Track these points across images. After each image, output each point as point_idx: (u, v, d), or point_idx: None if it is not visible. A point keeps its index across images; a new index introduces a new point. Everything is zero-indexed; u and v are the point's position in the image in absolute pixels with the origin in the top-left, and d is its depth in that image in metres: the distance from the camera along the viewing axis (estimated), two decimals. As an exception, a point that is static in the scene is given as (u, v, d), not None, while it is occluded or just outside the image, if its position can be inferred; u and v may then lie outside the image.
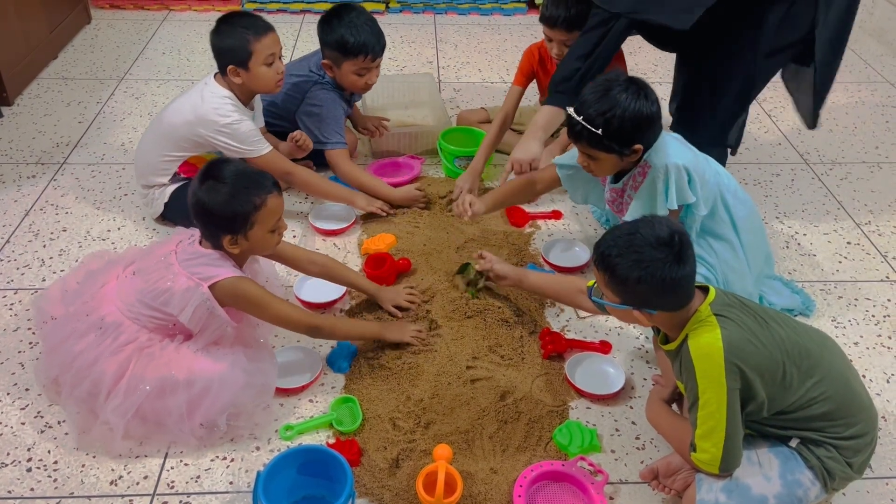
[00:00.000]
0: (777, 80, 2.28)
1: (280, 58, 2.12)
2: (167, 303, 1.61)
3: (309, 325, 1.74)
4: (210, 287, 1.60)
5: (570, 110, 1.75)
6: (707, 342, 1.36)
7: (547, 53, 2.42)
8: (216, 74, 2.14)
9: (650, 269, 1.35)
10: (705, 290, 1.44)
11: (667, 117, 2.96)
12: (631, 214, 1.85)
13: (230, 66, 2.06)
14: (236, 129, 2.08)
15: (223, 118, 2.07)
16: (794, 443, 1.46)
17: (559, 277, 1.98)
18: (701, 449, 1.39)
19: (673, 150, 1.79)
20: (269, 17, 3.65)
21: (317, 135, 2.35)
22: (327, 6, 3.69)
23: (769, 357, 1.38)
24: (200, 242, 1.67)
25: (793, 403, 1.41)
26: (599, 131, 1.70)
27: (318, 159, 2.44)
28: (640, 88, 1.71)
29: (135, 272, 1.69)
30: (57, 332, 1.69)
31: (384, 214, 2.33)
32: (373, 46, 2.26)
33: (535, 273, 1.95)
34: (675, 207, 1.78)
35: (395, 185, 2.44)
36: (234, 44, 2.04)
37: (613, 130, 1.70)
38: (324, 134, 2.35)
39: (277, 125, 2.40)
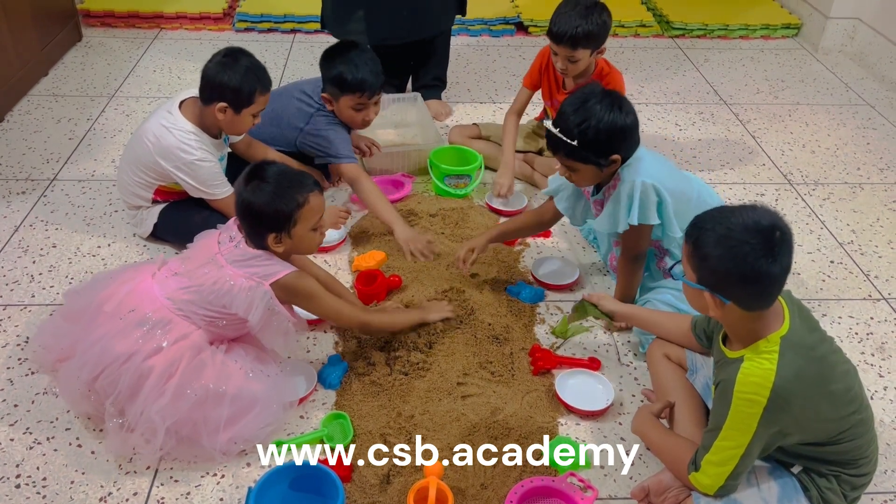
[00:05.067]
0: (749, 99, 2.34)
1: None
2: (230, 304, 1.62)
3: (361, 321, 1.80)
4: (271, 285, 1.62)
5: (548, 123, 1.80)
6: (756, 382, 1.29)
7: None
8: (182, 102, 2.10)
9: (735, 249, 1.26)
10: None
11: (648, 137, 3.01)
12: (598, 223, 1.90)
13: (222, 104, 2.01)
14: (197, 168, 2.07)
15: (186, 155, 2.05)
16: (796, 469, 1.45)
17: (671, 316, 1.79)
18: (704, 472, 1.39)
19: (646, 167, 1.82)
20: (259, 37, 3.74)
21: (326, 152, 2.36)
22: (317, 25, 3.76)
23: (814, 408, 1.33)
24: (245, 243, 1.67)
25: (819, 441, 1.39)
26: (575, 142, 1.74)
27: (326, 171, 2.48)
28: (615, 100, 1.75)
29: (177, 273, 1.69)
30: (90, 334, 1.65)
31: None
32: (371, 84, 2.28)
33: (645, 310, 1.83)
34: (636, 223, 1.81)
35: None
36: (239, 87, 2.00)
37: (589, 141, 1.74)
38: (333, 151, 2.35)
39: (279, 149, 2.42)
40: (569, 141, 1.75)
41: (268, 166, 1.65)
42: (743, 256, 1.26)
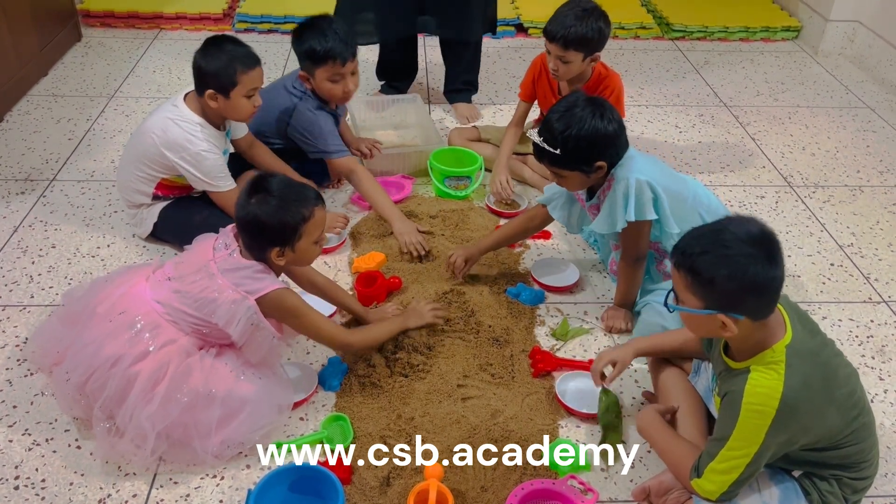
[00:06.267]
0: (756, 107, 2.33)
1: (258, 91, 2.11)
2: (212, 313, 1.61)
3: (343, 342, 1.79)
4: (257, 300, 1.61)
5: (532, 132, 1.81)
6: (764, 393, 1.29)
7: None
8: (186, 95, 2.12)
9: (742, 265, 1.25)
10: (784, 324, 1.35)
11: (644, 142, 3.01)
12: (596, 224, 1.90)
13: (210, 91, 2.03)
14: (202, 159, 2.07)
15: (191, 146, 2.06)
16: (797, 472, 1.45)
17: (677, 332, 1.72)
18: (708, 479, 1.38)
19: (638, 165, 1.83)
20: (259, 37, 3.73)
21: (315, 146, 2.36)
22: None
23: (821, 415, 1.33)
24: (240, 253, 1.66)
25: (823, 445, 1.39)
26: (558, 151, 1.74)
27: (317, 178, 2.45)
28: (597, 108, 1.75)
29: (170, 278, 1.68)
30: (82, 337, 1.65)
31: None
32: (340, 52, 2.26)
33: (652, 338, 1.75)
34: (633, 219, 1.81)
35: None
36: (221, 70, 2.01)
37: (571, 149, 1.75)
38: (322, 146, 2.35)
39: (271, 142, 2.42)
40: (551, 149, 1.76)
41: (270, 178, 1.64)
42: (752, 269, 1.25)
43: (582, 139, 1.74)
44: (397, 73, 3.14)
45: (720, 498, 1.38)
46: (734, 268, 1.26)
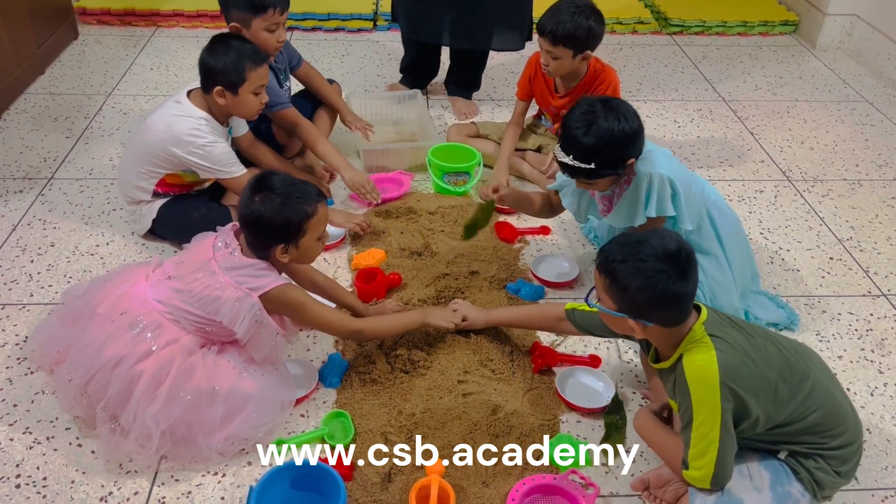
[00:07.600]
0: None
1: (265, 88, 2.11)
2: (216, 311, 1.61)
3: (351, 330, 1.79)
4: (260, 297, 1.62)
5: (559, 151, 1.79)
6: (702, 364, 1.37)
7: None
8: (190, 92, 2.13)
9: (653, 279, 1.34)
10: (698, 308, 1.44)
11: (659, 137, 3.01)
12: (612, 219, 1.91)
13: (218, 88, 2.04)
14: (210, 150, 2.08)
15: (198, 139, 2.06)
16: (783, 455, 1.49)
17: (534, 306, 2.02)
18: (693, 467, 1.41)
19: (659, 161, 1.83)
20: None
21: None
22: (314, 23, 3.75)
23: (762, 377, 1.39)
24: (241, 251, 1.66)
25: (784, 419, 1.43)
26: (592, 165, 1.74)
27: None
28: (616, 110, 1.74)
29: (170, 277, 1.68)
30: (83, 337, 1.66)
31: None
32: (280, 0, 2.28)
33: (504, 308, 1.96)
34: (654, 215, 1.82)
35: (385, 201, 2.47)
36: (229, 67, 2.02)
37: (605, 159, 1.75)
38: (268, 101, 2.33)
39: None
40: (586, 166, 1.76)
41: (273, 176, 1.64)
42: (660, 284, 1.34)
43: (617, 145, 1.74)
44: (423, 73, 3.16)
45: (712, 482, 1.41)
46: (646, 281, 1.35)
